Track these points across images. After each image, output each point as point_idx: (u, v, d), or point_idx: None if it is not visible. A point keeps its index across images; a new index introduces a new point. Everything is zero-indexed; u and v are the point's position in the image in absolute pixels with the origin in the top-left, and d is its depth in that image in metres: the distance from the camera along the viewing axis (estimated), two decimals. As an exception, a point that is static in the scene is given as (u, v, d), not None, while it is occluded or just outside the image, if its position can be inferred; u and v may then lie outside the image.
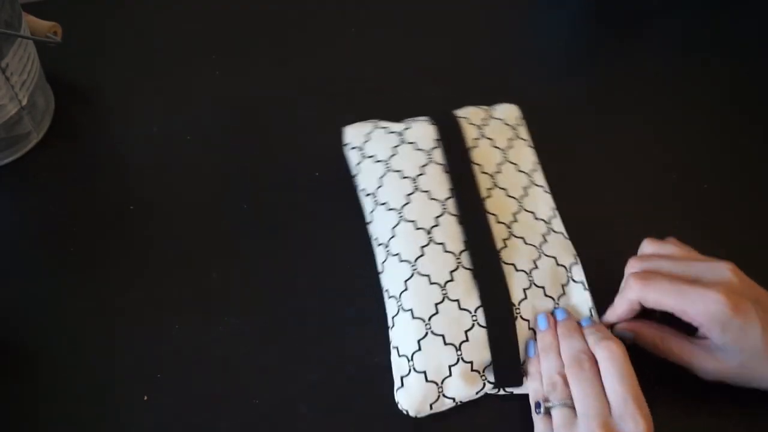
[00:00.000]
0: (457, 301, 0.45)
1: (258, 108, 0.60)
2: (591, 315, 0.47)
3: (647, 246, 0.47)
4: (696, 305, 0.41)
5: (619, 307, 0.45)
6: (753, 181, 0.59)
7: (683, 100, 0.64)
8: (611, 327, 0.46)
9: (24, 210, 0.53)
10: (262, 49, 0.65)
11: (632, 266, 0.45)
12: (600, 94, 0.64)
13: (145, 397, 0.45)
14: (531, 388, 0.44)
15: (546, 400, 0.43)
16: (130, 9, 0.67)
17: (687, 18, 0.71)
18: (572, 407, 0.41)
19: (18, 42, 0.51)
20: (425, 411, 0.44)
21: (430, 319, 0.45)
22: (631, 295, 0.43)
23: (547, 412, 0.42)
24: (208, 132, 0.59)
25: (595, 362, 0.42)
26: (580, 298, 0.48)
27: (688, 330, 0.44)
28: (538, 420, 0.43)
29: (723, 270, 0.43)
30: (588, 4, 0.72)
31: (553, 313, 0.47)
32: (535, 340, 0.46)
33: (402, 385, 0.44)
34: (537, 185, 0.53)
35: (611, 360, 0.41)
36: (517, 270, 0.47)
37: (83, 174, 0.55)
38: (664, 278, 0.43)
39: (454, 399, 0.44)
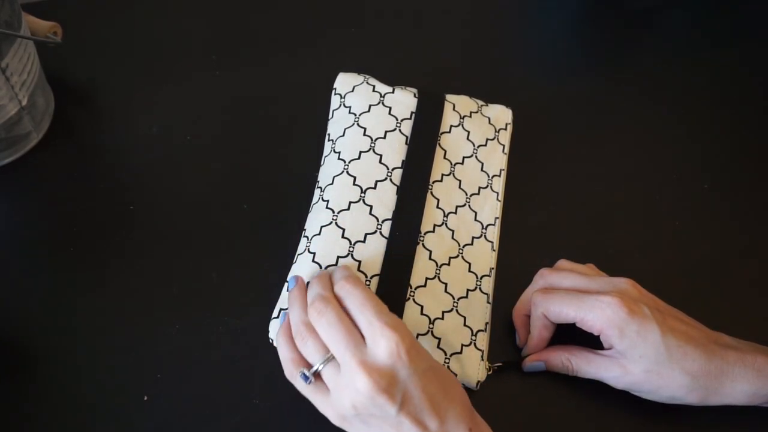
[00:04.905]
0: (360, 262, 0.46)
1: (258, 108, 0.60)
2: (485, 329, 0.48)
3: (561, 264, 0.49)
4: (593, 311, 0.43)
5: (534, 328, 0.46)
6: (753, 182, 0.59)
7: (683, 100, 0.64)
8: (523, 360, 0.48)
9: (24, 210, 0.53)
10: (262, 49, 0.65)
11: (536, 282, 0.47)
12: (599, 94, 0.64)
13: (145, 397, 0.45)
14: (284, 359, 0.42)
15: (307, 365, 0.40)
16: (131, 9, 0.67)
17: (687, 18, 0.71)
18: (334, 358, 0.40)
19: (18, 42, 0.51)
20: None
21: (326, 267, 0.46)
22: (536, 311, 0.45)
23: (318, 376, 0.40)
24: (208, 132, 0.59)
25: (337, 303, 0.41)
26: (480, 308, 0.48)
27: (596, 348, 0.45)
28: (310, 391, 0.41)
29: (621, 283, 0.45)
30: (587, 4, 0.72)
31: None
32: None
33: (277, 316, 0.46)
34: (493, 190, 0.53)
35: (350, 295, 0.41)
36: (429, 258, 0.48)
37: (83, 174, 0.55)
38: (563, 291, 0.45)
39: None
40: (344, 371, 0.38)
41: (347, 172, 0.50)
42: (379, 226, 0.48)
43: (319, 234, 0.48)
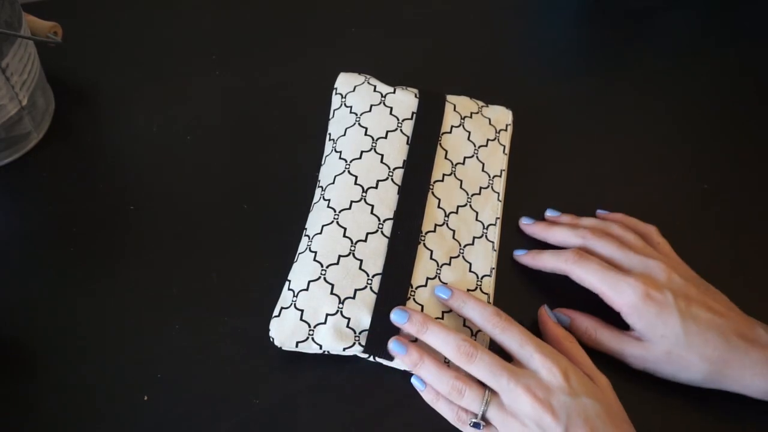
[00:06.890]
0: (361, 261, 0.46)
1: (258, 108, 0.60)
2: None
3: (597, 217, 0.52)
4: (614, 289, 0.44)
5: (548, 262, 0.48)
6: (753, 182, 0.59)
7: (683, 100, 0.64)
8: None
9: (24, 210, 0.53)
10: (262, 48, 0.65)
11: (574, 238, 0.48)
12: (599, 94, 0.64)
13: (145, 397, 0.45)
14: (451, 419, 0.43)
15: (470, 413, 0.42)
16: (131, 9, 0.67)
17: (687, 18, 0.71)
18: (495, 395, 0.41)
19: (18, 42, 0.51)
20: (290, 346, 0.45)
21: (328, 266, 0.46)
22: (562, 264, 0.46)
23: (486, 421, 0.41)
24: (208, 132, 0.59)
25: (474, 343, 0.42)
26: None
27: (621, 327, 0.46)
28: None
29: (653, 266, 0.45)
30: (587, 4, 0.72)
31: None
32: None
33: (278, 315, 0.46)
34: (494, 191, 0.53)
35: (506, 331, 0.43)
36: (430, 258, 0.48)
37: (83, 174, 0.55)
38: (596, 261, 0.45)
39: (321, 346, 0.45)
40: (508, 400, 0.40)
41: (348, 172, 0.50)
42: (380, 226, 0.48)
43: (320, 233, 0.48)
